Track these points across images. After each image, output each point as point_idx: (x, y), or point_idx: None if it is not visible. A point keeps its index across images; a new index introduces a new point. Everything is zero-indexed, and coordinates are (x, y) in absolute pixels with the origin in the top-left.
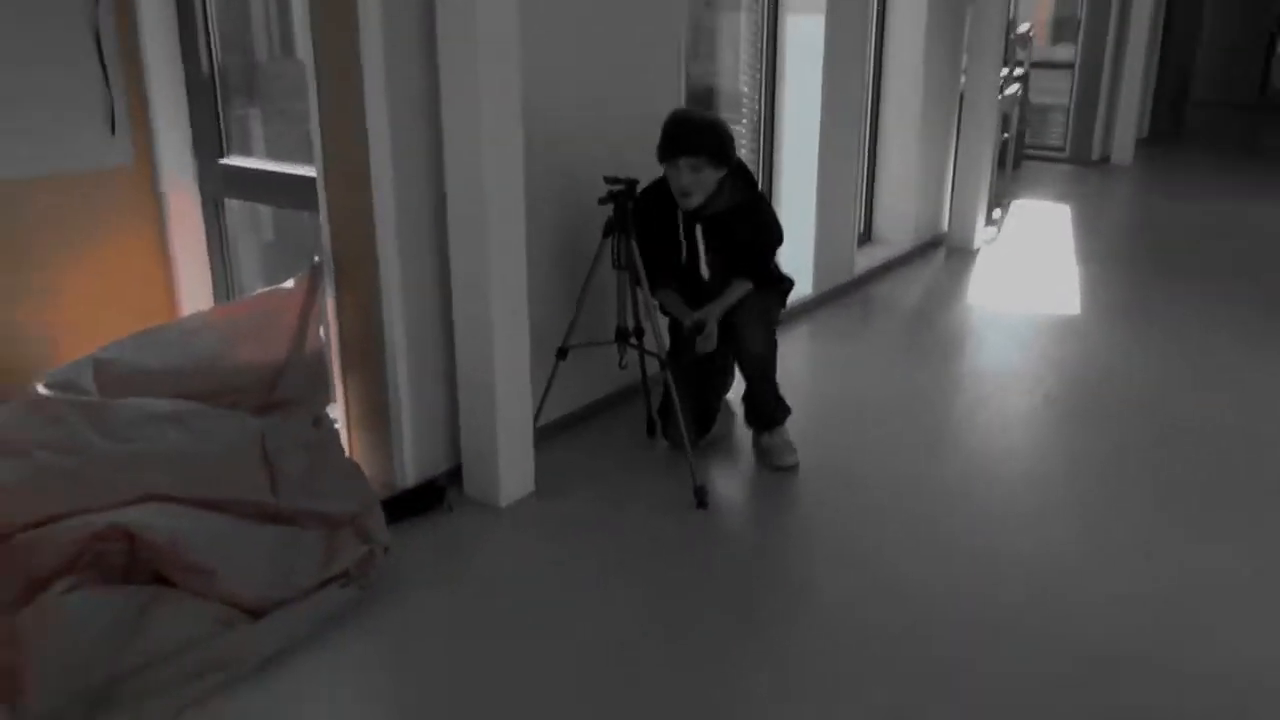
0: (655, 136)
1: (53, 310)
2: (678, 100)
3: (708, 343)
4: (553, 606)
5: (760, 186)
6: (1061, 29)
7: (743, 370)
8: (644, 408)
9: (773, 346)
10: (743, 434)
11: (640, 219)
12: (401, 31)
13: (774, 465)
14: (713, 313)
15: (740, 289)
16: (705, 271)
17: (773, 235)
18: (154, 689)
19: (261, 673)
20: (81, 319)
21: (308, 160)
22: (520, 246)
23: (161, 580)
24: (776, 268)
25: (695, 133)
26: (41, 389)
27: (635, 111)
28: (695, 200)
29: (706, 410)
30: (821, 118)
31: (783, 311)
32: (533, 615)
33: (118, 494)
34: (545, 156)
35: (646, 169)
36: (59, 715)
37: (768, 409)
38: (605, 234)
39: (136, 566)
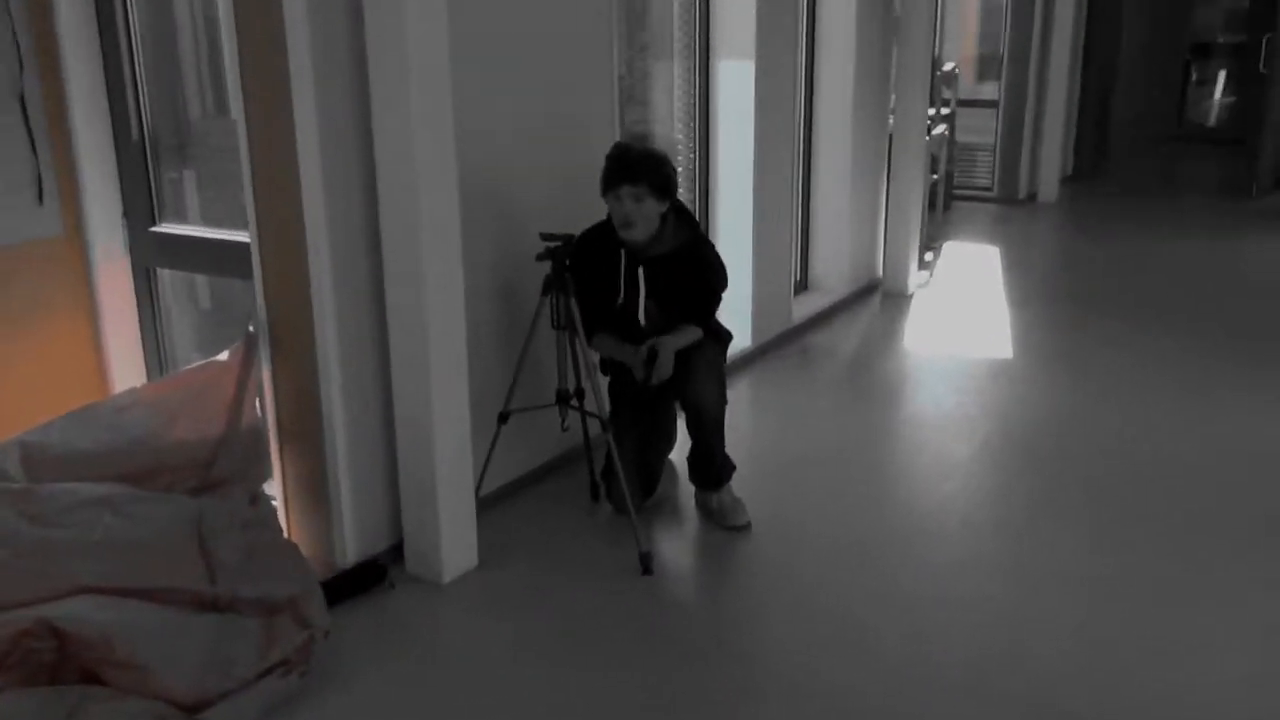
0: (592, 189)
1: None
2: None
3: (664, 370)
4: (500, 684)
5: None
6: (985, 67)
7: (694, 427)
8: (587, 471)
9: (723, 402)
10: (686, 493)
11: (580, 261)
12: (335, 96)
13: (726, 525)
14: (666, 344)
15: (691, 333)
16: (643, 318)
17: (719, 278)
18: None
19: None
20: (7, 400)
21: (242, 225)
22: (459, 313)
23: (92, 678)
24: (717, 321)
25: (637, 162)
26: None
27: (572, 164)
28: (638, 232)
29: (650, 472)
30: (755, 164)
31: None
32: (480, 695)
33: (47, 586)
34: (482, 215)
35: (583, 222)
36: None
37: (715, 467)
38: (544, 292)
39: (65, 664)
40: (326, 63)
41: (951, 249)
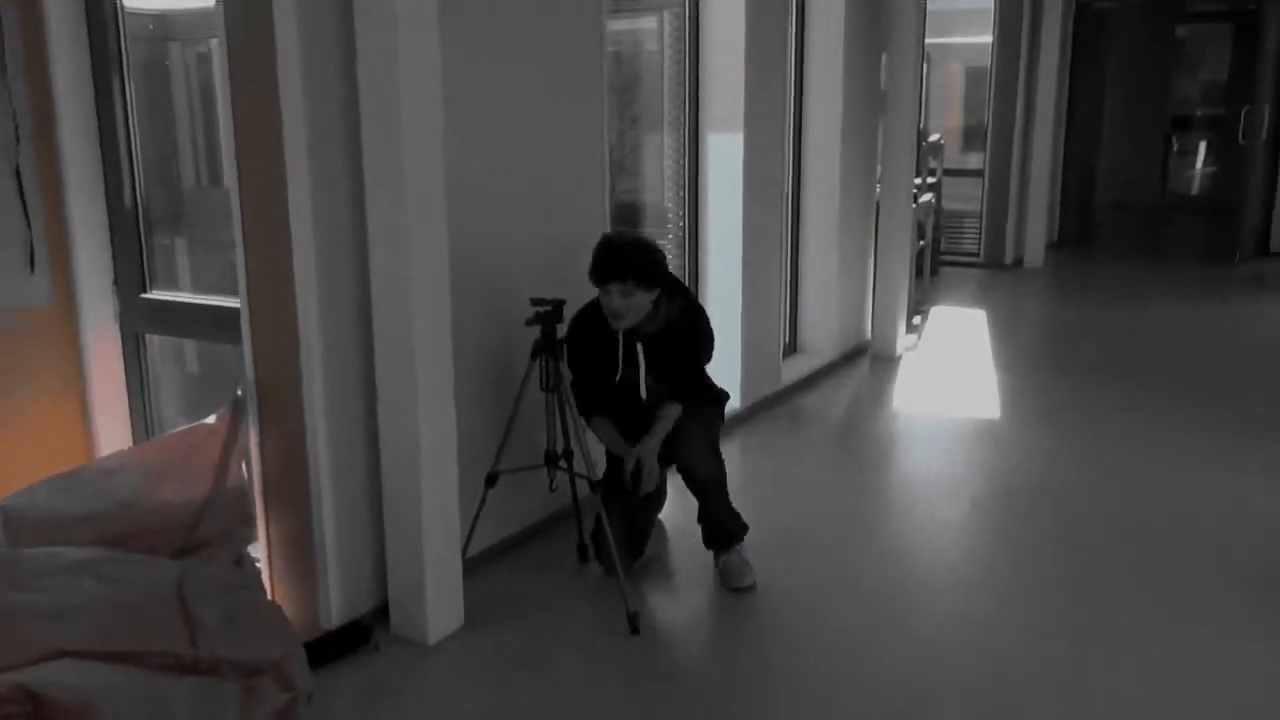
0: (583, 255)
1: None
2: (604, 216)
3: (650, 481)
4: None
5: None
6: (970, 137)
7: (695, 492)
8: (575, 532)
9: (720, 463)
10: (677, 554)
11: (576, 340)
12: (327, 163)
13: (731, 586)
14: (649, 449)
15: (672, 413)
16: (644, 393)
17: (705, 349)
18: None
19: None
20: None
21: (233, 291)
22: (447, 377)
23: None
24: (710, 382)
25: (624, 259)
26: None
27: (562, 230)
28: (628, 322)
29: (639, 532)
30: (744, 231)
31: (720, 426)
32: None
33: (26, 651)
34: (471, 280)
35: (574, 287)
36: None
37: (724, 528)
38: (533, 355)
39: None
40: (320, 133)
41: (939, 313)
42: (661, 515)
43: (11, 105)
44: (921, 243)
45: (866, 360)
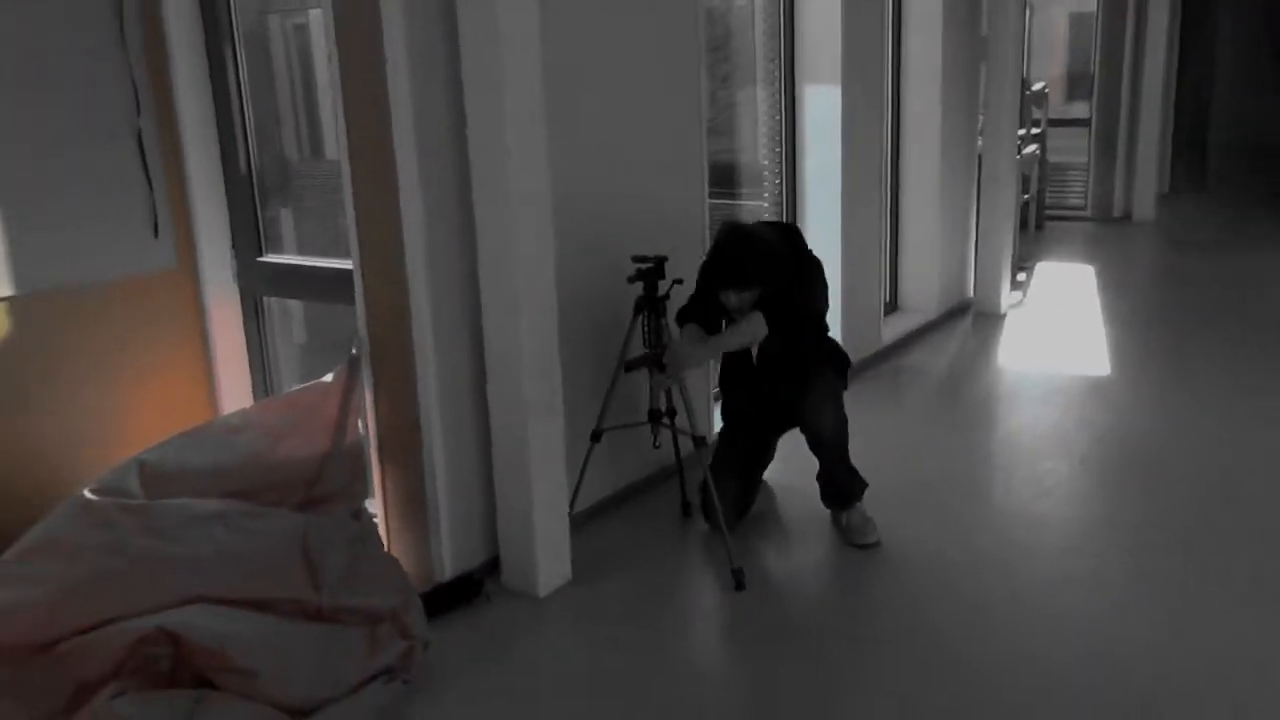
0: (681, 214)
1: (97, 415)
2: (701, 177)
3: (671, 367)
4: (594, 697)
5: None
6: (1075, 86)
7: (814, 448)
8: (678, 489)
9: (843, 423)
10: (785, 512)
11: (700, 282)
12: (433, 127)
13: (854, 543)
14: (697, 347)
15: (754, 324)
16: (755, 350)
17: (810, 295)
18: None
19: None
20: (125, 422)
21: (336, 255)
22: (553, 335)
23: (206, 683)
24: (834, 345)
25: (744, 271)
26: (89, 494)
27: (662, 189)
28: (744, 311)
29: (746, 490)
30: (843, 188)
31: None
32: (574, 706)
33: (164, 596)
34: (576, 237)
35: (673, 247)
36: None
37: (843, 487)
38: (636, 312)
39: (182, 669)
40: (424, 100)
41: (1044, 269)
42: (767, 475)
43: (132, 77)
44: (1025, 196)
45: (969, 318)
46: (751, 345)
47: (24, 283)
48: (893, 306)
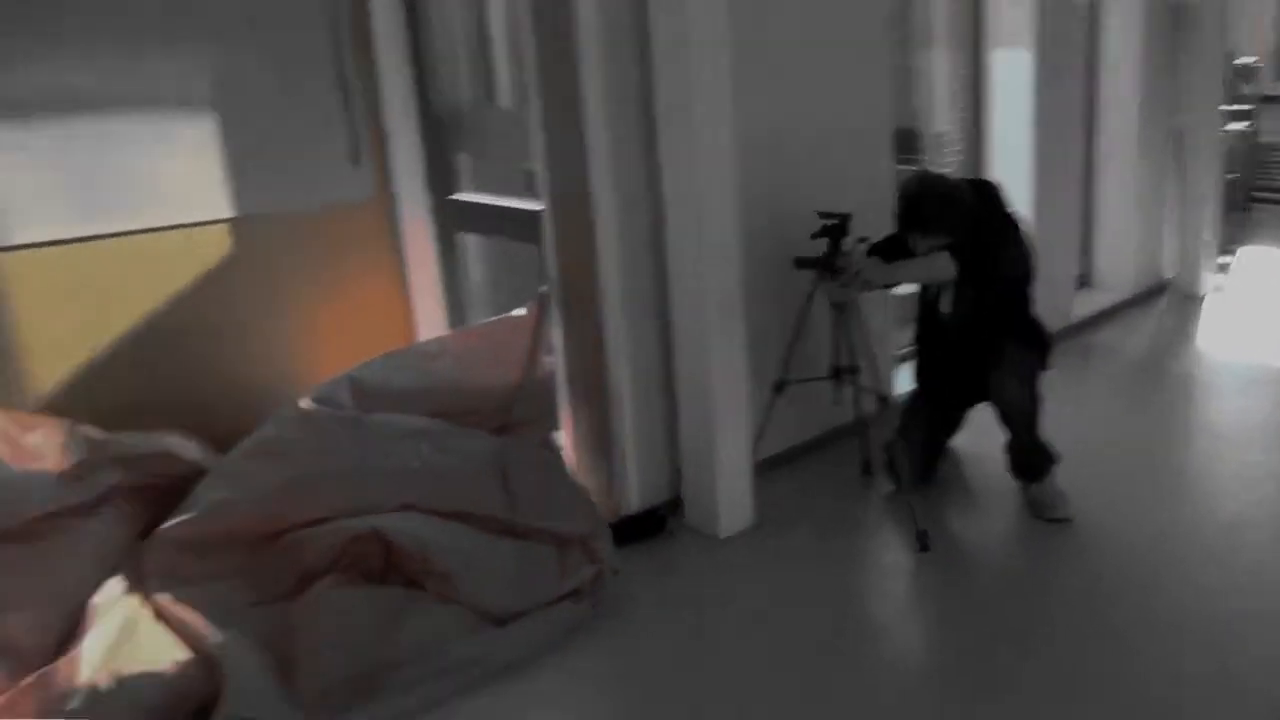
0: (866, 177)
1: (306, 331)
2: (886, 140)
3: (848, 277)
4: (773, 640)
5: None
6: None
7: (1003, 420)
8: (859, 447)
9: (1031, 400)
10: (973, 478)
11: (892, 238)
12: (621, 80)
13: (1044, 517)
14: (882, 269)
15: (940, 262)
16: (946, 307)
17: (1005, 257)
18: (409, 682)
19: (503, 676)
20: (331, 339)
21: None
22: (737, 281)
23: (413, 584)
24: (1033, 321)
25: (918, 210)
26: (307, 402)
27: (848, 151)
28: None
29: (933, 453)
30: (1034, 156)
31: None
32: (752, 646)
33: (375, 501)
34: (763, 190)
35: (857, 204)
36: (326, 699)
37: (1027, 461)
38: (818, 268)
39: (390, 570)
40: (613, 53)
41: (1250, 253)
42: (956, 442)
43: (336, 14)
44: (1231, 176)
45: (1166, 298)
46: (933, 282)
47: (243, 206)
48: (1085, 282)
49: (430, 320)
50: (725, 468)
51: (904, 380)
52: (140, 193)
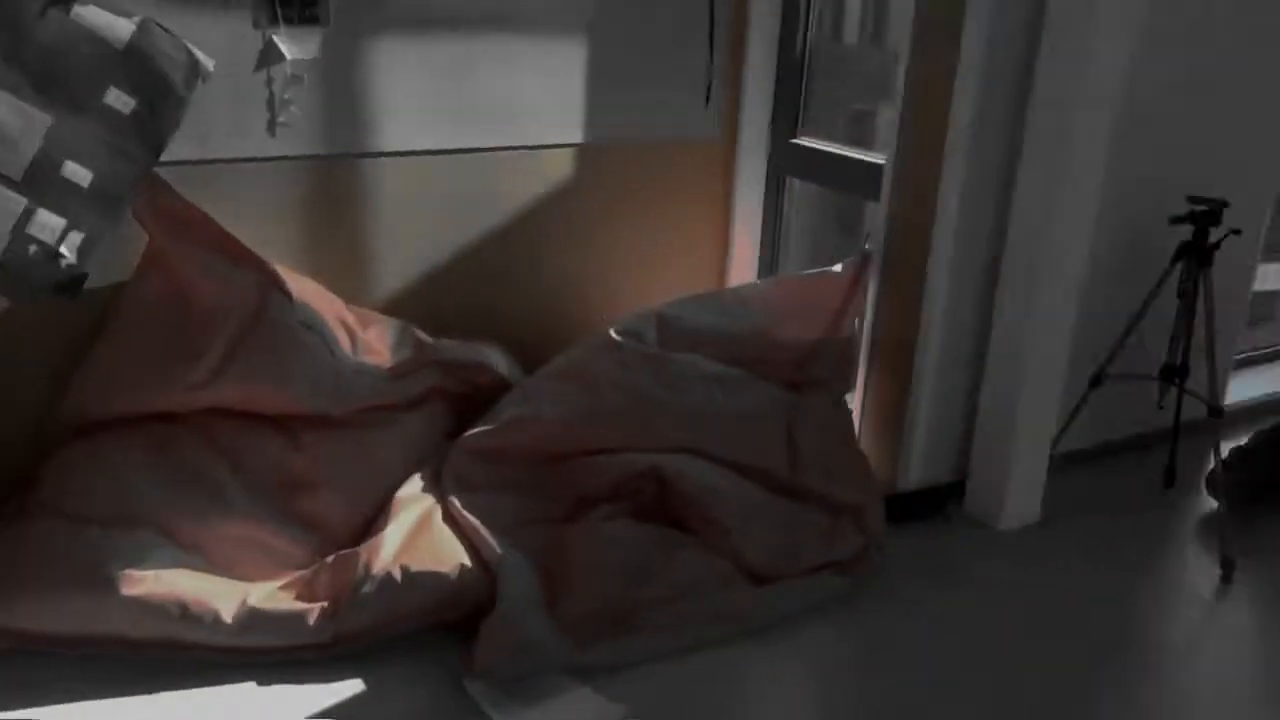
0: (1254, 152)
1: (631, 262)
2: None
3: None
4: (1036, 642)
5: None
6: None
7: None
8: (1168, 454)
9: None
10: None
11: None
12: (998, 45)
13: None
14: None
15: None
16: None
17: None
18: (669, 623)
19: (754, 635)
20: (651, 272)
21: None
22: (1076, 270)
23: (680, 526)
24: None
25: None
26: (614, 334)
27: (1238, 117)
28: None
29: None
30: None
31: None
32: (1013, 647)
33: (663, 440)
34: (1124, 160)
35: (1232, 190)
36: (588, 624)
37: None
38: (1175, 258)
39: (661, 509)
40: (995, 19)
41: None
42: None
43: None
44: None
45: None
46: None
47: (592, 133)
48: None
49: (746, 265)
50: (1020, 457)
51: (1239, 391)
52: (498, 112)
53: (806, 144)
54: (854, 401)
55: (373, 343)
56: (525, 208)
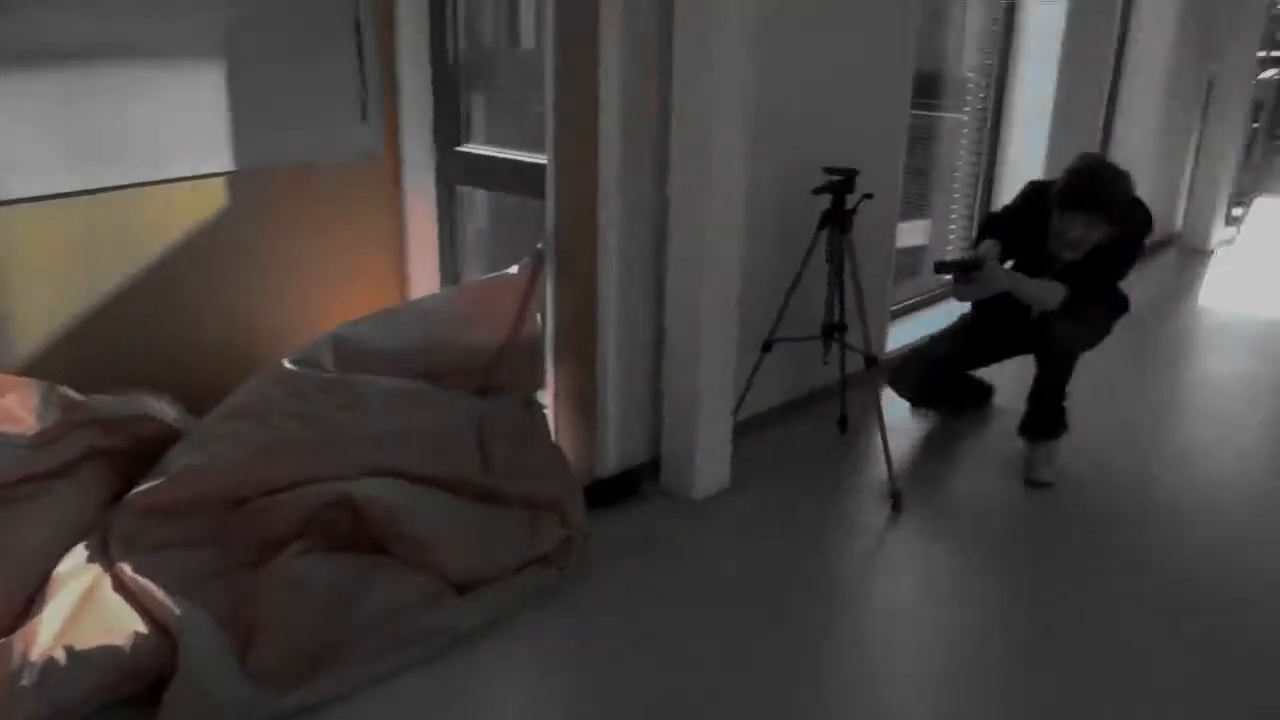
0: (879, 127)
1: (300, 287)
2: (905, 88)
3: (983, 285)
4: (739, 605)
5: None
6: None
7: (1040, 360)
8: (839, 404)
9: (1076, 343)
10: (982, 433)
11: (1015, 211)
12: (637, 33)
13: (1027, 478)
14: (1004, 276)
15: (1052, 290)
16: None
17: (1124, 269)
18: (373, 650)
19: (466, 644)
20: (324, 295)
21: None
22: (736, 246)
23: (382, 550)
24: (1115, 291)
25: (1104, 194)
26: (287, 363)
27: (862, 99)
28: (1075, 255)
29: (946, 372)
30: (1054, 107)
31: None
32: (719, 611)
33: (349, 466)
34: (767, 144)
35: (863, 162)
36: (287, 668)
37: (1042, 419)
38: (820, 225)
39: (359, 535)
40: (633, 5)
41: (1264, 204)
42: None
43: None
44: (1255, 124)
45: (1173, 252)
46: (1035, 305)
47: (243, 159)
48: None
49: (424, 277)
50: (706, 429)
51: (898, 338)
52: (138, 145)
53: (471, 150)
54: (546, 398)
55: (13, 409)
56: (176, 244)
